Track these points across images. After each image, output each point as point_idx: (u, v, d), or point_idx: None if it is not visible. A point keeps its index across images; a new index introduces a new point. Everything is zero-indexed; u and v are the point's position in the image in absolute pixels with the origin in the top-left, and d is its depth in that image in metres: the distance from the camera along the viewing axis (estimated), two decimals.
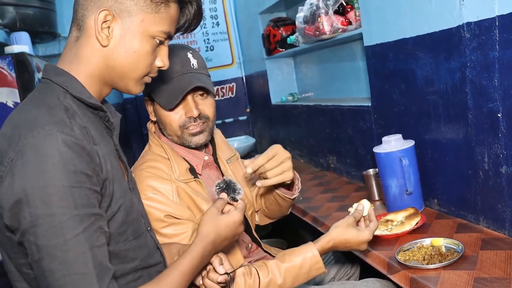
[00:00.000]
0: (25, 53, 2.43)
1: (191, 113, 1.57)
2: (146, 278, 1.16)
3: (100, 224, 1.01)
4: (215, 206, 1.29)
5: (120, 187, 1.12)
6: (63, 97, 1.08)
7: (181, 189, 1.55)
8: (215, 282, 1.24)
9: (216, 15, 4.67)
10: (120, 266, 1.10)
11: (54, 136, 0.96)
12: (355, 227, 1.49)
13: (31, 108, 1.05)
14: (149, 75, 1.19)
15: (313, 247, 1.48)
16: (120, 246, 1.10)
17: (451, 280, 1.36)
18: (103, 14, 1.08)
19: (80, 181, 0.97)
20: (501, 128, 1.50)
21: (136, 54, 1.12)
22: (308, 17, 2.64)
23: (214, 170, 1.73)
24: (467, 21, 1.55)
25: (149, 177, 1.54)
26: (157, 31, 1.13)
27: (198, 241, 1.21)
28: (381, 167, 1.94)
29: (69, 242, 0.95)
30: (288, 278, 1.45)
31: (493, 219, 1.62)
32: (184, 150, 1.65)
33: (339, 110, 2.68)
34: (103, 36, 1.09)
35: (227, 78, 4.70)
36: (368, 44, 2.19)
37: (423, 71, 1.82)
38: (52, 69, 1.13)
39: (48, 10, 3.26)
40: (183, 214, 1.52)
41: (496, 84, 1.48)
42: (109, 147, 1.15)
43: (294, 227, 2.99)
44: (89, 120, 1.10)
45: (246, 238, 1.73)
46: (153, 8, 1.11)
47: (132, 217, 1.15)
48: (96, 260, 0.97)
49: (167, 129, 1.62)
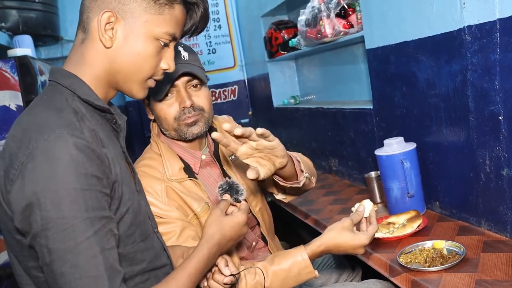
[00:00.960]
0: (28, 56, 2.44)
1: (184, 103, 1.56)
2: (154, 280, 1.16)
3: (110, 227, 1.01)
4: (219, 207, 1.29)
5: (128, 189, 1.12)
6: (71, 100, 1.08)
7: (170, 188, 1.55)
8: (220, 283, 1.24)
9: (218, 18, 4.68)
10: (128, 268, 1.10)
11: (65, 139, 0.96)
12: (351, 230, 1.44)
13: (40, 111, 1.05)
14: (153, 77, 1.19)
15: (303, 251, 1.44)
16: (128, 248, 1.10)
17: (453, 282, 1.36)
18: (106, 15, 1.07)
19: (91, 184, 0.97)
20: (503, 131, 1.50)
21: (140, 56, 1.12)
22: (310, 20, 2.65)
23: (215, 168, 1.71)
24: (468, 24, 1.55)
25: (140, 176, 1.53)
26: (161, 32, 1.12)
27: (204, 243, 1.21)
28: (382, 169, 1.94)
29: (80, 245, 0.95)
30: (275, 282, 1.43)
31: (494, 221, 1.62)
32: (182, 148, 1.65)
33: (341, 112, 2.68)
34: (107, 38, 1.09)
35: (229, 81, 4.70)
36: (369, 47, 2.19)
37: (424, 74, 1.82)
38: (59, 71, 1.13)
39: (51, 14, 3.27)
40: (170, 214, 1.52)
41: (497, 87, 1.48)
42: (117, 149, 1.15)
43: (296, 230, 2.99)
44: (97, 122, 1.10)
45: (250, 237, 1.72)
46: (157, 9, 1.11)
47: (140, 219, 1.15)
48: (107, 263, 0.97)
49: (163, 124, 1.61)
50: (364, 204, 1.53)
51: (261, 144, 1.38)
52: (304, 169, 1.60)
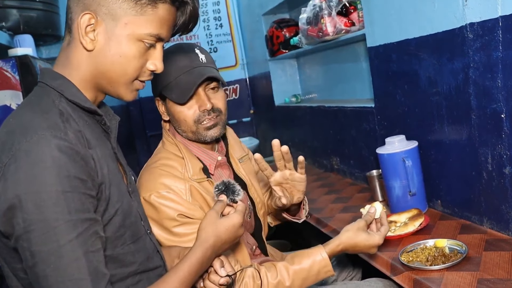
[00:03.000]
0: (29, 55, 2.44)
1: (205, 106, 1.57)
2: (146, 282, 1.16)
3: (95, 229, 1.00)
4: (214, 209, 1.27)
5: (118, 191, 1.11)
6: (58, 101, 1.07)
7: (194, 188, 1.55)
8: (216, 284, 1.23)
9: (220, 17, 4.68)
10: (118, 270, 1.09)
11: (47, 140, 0.96)
12: (365, 231, 1.49)
13: (25, 113, 1.05)
14: (139, 79, 1.15)
15: (322, 250, 1.47)
16: (118, 250, 1.10)
17: (455, 281, 1.35)
18: (86, 17, 1.05)
19: (73, 186, 0.96)
20: (505, 129, 1.49)
21: (122, 58, 1.09)
22: (311, 18, 2.64)
23: (226, 170, 1.72)
24: (470, 21, 1.55)
25: (163, 175, 1.53)
26: (144, 34, 1.09)
27: (198, 245, 1.20)
28: (384, 168, 1.93)
29: (63, 247, 0.94)
30: (296, 281, 1.45)
31: (496, 220, 1.61)
32: (199, 149, 1.65)
33: (343, 111, 2.68)
34: (88, 40, 1.07)
35: (230, 80, 4.71)
36: (371, 45, 2.19)
37: (426, 72, 1.82)
38: (48, 73, 1.12)
39: (52, 13, 3.26)
40: (195, 213, 1.51)
41: (500, 84, 1.48)
42: (107, 150, 1.14)
43: (298, 229, 2.98)
44: (85, 123, 1.10)
45: (250, 240, 1.72)
46: (138, 10, 1.07)
47: (130, 221, 1.14)
48: (91, 266, 0.97)
49: (181, 126, 1.61)
50: (375, 205, 1.57)
51: (293, 175, 1.57)
52: (308, 208, 1.75)
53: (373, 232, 1.50)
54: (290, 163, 1.56)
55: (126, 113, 4.32)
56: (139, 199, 1.31)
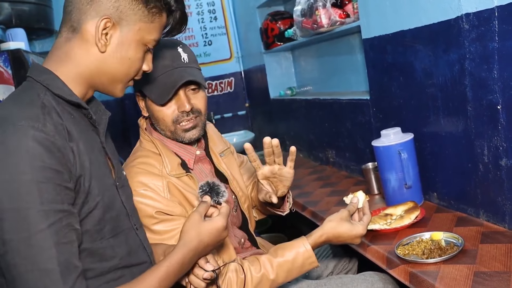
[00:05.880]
0: (21, 49, 2.42)
1: (184, 107, 1.56)
2: (129, 277, 1.15)
3: (69, 221, 1.00)
4: (198, 211, 1.26)
5: (101, 184, 1.11)
6: (43, 95, 1.08)
7: (172, 184, 1.54)
8: (200, 278, 1.23)
9: (214, 10, 4.65)
10: (97, 264, 1.10)
11: (24, 131, 0.97)
12: (348, 221, 1.50)
13: (7, 105, 1.07)
14: (135, 78, 1.24)
15: (305, 242, 1.48)
16: (97, 243, 1.10)
17: (451, 274, 1.35)
18: (104, 21, 1.11)
19: (48, 176, 0.97)
20: (501, 121, 1.48)
21: (130, 60, 1.17)
22: (305, 10, 2.62)
23: (207, 164, 1.72)
24: (466, 12, 1.53)
25: (139, 173, 1.53)
26: (150, 39, 1.19)
27: (179, 247, 1.19)
28: (380, 160, 1.93)
29: (33, 237, 0.95)
30: (280, 273, 1.46)
31: (493, 212, 1.61)
32: (176, 145, 1.64)
33: (338, 103, 2.66)
34: (102, 43, 1.12)
35: (225, 73, 4.68)
36: (366, 37, 2.17)
37: (421, 64, 1.80)
38: (36, 68, 1.14)
39: (44, 6, 3.23)
40: (174, 210, 1.51)
41: (496, 76, 1.47)
42: (93, 144, 1.16)
43: (294, 222, 2.98)
44: (69, 117, 1.10)
45: (238, 233, 1.72)
46: (149, 18, 1.16)
47: (111, 215, 1.14)
48: (62, 257, 0.97)
49: (160, 124, 1.61)
50: (357, 195, 1.58)
51: (282, 170, 1.56)
52: (292, 201, 1.75)
53: (356, 222, 1.51)
54: (280, 158, 1.55)
55: (120, 107, 4.30)
56: (130, 194, 1.31)
